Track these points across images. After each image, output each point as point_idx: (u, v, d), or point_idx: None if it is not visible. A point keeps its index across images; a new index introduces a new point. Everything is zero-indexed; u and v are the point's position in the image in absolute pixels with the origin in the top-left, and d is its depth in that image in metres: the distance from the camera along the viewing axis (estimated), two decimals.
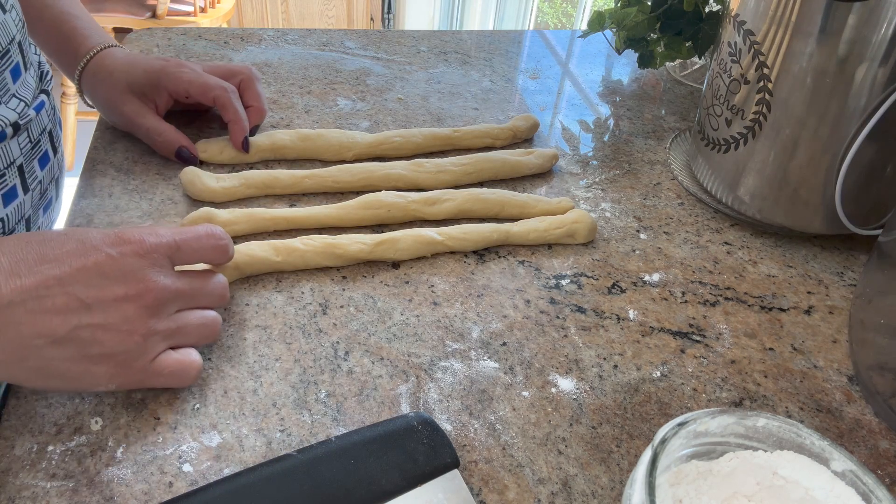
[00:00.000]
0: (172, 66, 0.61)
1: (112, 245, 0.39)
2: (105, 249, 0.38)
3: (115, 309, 0.38)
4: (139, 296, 0.39)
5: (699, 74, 0.89)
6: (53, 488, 0.38)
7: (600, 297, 0.54)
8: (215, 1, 2.29)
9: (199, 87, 0.61)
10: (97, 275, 0.38)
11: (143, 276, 0.39)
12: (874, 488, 0.32)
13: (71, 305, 0.37)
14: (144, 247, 0.40)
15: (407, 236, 0.54)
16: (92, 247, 0.38)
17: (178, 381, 0.42)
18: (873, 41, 0.50)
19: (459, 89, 0.80)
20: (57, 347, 0.37)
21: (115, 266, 0.38)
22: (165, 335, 0.41)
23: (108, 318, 0.38)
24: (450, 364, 0.47)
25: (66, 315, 0.37)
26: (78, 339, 0.37)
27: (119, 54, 0.62)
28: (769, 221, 0.62)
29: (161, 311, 0.40)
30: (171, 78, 0.60)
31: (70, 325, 0.37)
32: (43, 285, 0.36)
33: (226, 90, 0.61)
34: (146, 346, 0.39)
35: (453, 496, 0.38)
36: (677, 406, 0.46)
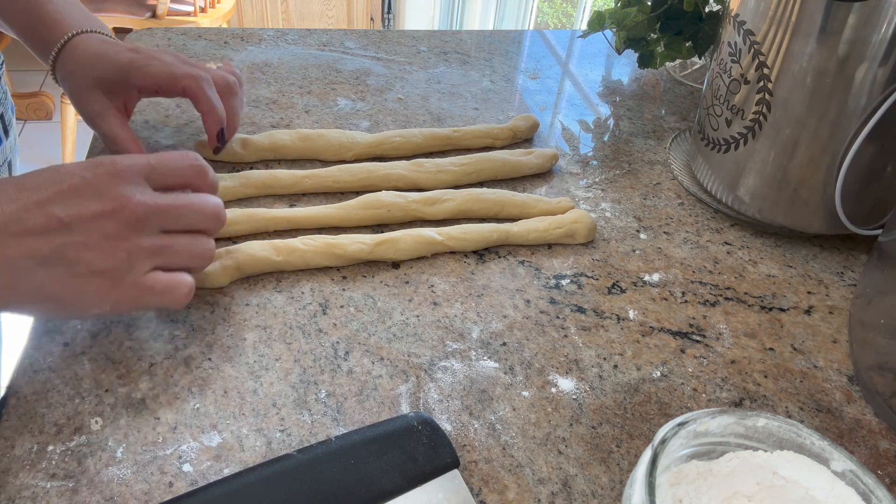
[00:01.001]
0: (142, 59, 0.55)
1: (86, 168, 0.40)
2: (79, 173, 0.39)
3: (94, 226, 0.39)
4: (115, 211, 0.39)
5: (699, 74, 0.89)
6: (53, 488, 0.38)
7: (600, 297, 0.54)
8: (215, 1, 2.29)
9: (166, 78, 0.54)
10: (74, 195, 0.39)
11: (118, 192, 0.40)
12: (874, 488, 0.32)
13: (51, 225, 0.38)
14: (118, 167, 0.40)
15: (407, 236, 0.54)
16: (67, 172, 0.39)
17: (170, 298, 0.42)
18: (873, 41, 0.50)
19: (459, 89, 0.80)
20: (45, 268, 0.37)
21: (91, 185, 0.39)
22: (151, 252, 0.41)
23: (89, 236, 0.38)
24: (450, 364, 0.47)
25: (48, 235, 0.37)
26: (63, 258, 0.38)
27: (92, 43, 0.56)
28: (769, 221, 0.62)
29: (142, 228, 0.40)
30: (139, 73, 0.55)
31: (53, 244, 0.38)
32: (23, 209, 0.37)
33: (197, 78, 0.55)
34: (132, 262, 0.40)
35: (453, 496, 0.38)
36: (677, 406, 0.46)
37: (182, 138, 0.66)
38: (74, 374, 0.44)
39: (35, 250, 0.37)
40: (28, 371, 0.44)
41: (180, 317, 0.48)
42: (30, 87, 2.62)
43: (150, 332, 0.47)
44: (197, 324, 0.48)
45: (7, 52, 1.13)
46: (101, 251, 0.39)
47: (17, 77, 2.68)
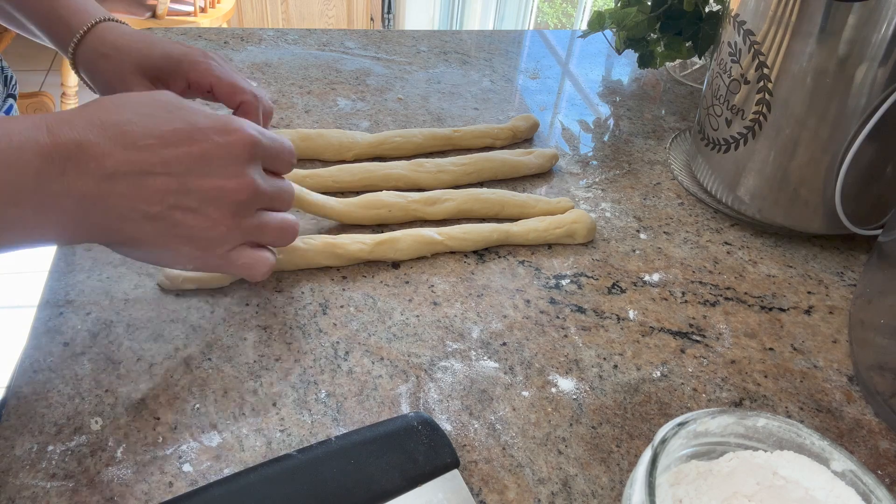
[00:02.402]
0: (198, 54, 0.54)
1: (219, 133, 0.39)
2: (213, 137, 0.39)
3: (209, 197, 0.39)
4: (235, 191, 0.40)
5: (699, 74, 0.89)
6: (53, 488, 0.38)
7: (600, 297, 0.54)
8: (215, 1, 2.29)
9: (227, 85, 0.53)
10: (201, 161, 0.38)
11: (243, 171, 0.40)
12: (874, 488, 0.32)
13: (171, 187, 0.38)
14: (250, 139, 0.40)
15: (407, 236, 0.54)
16: (199, 131, 0.39)
17: (249, 273, 0.43)
18: (873, 41, 0.50)
19: (459, 89, 0.80)
20: (149, 223, 0.38)
21: (220, 156, 0.39)
22: (246, 230, 0.42)
23: (201, 205, 0.39)
24: (450, 364, 0.47)
25: (164, 195, 0.38)
26: (170, 218, 0.38)
27: (126, 30, 0.55)
28: (769, 221, 0.62)
29: (248, 208, 0.41)
30: (197, 68, 0.53)
31: (165, 204, 0.38)
32: (148, 162, 0.37)
33: (256, 98, 0.54)
34: (228, 237, 0.41)
35: (453, 496, 0.38)
36: (677, 406, 0.46)
37: None
38: (74, 374, 0.44)
39: (147, 205, 0.38)
40: (28, 371, 0.44)
41: (180, 317, 0.48)
42: (30, 87, 2.62)
43: (150, 332, 0.47)
44: (197, 324, 0.48)
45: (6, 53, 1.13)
46: (205, 221, 0.39)
47: (17, 77, 2.68)
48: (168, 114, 0.39)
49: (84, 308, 0.48)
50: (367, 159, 0.66)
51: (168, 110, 0.39)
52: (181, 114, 0.39)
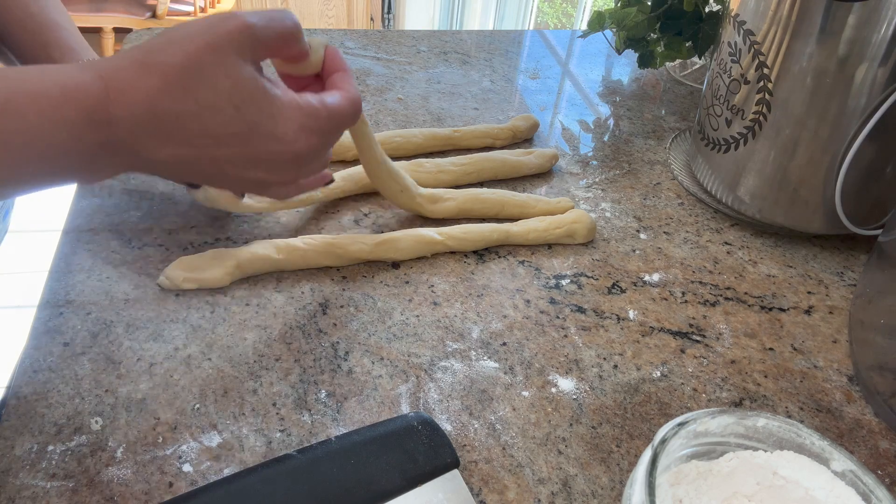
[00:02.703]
0: None
1: (277, 141, 0.38)
2: (268, 146, 0.38)
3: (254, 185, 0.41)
4: (276, 183, 0.41)
5: (699, 74, 0.89)
6: (53, 488, 0.38)
7: (600, 297, 0.54)
8: (215, 1, 2.29)
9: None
10: (249, 161, 0.38)
11: (288, 175, 0.41)
12: (874, 488, 0.32)
13: (215, 171, 0.39)
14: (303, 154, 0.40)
15: (407, 236, 0.54)
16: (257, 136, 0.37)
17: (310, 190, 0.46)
18: (873, 41, 0.50)
19: (459, 89, 0.80)
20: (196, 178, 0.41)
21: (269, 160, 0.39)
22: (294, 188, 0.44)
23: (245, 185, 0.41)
24: (450, 364, 0.47)
25: (209, 176, 0.40)
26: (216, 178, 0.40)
27: None
28: (769, 221, 0.62)
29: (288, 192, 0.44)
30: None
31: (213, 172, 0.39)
32: (197, 157, 0.37)
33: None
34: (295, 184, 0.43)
35: (453, 496, 0.38)
36: (677, 406, 0.46)
37: None
38: (74, 374, 0.44)
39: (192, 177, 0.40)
40: (28, 371, 0.44)
41: (180, 317, 0.48)
42: None
43: (150, 332, 0.47)
44: (197, 324, 0.48)
45: None
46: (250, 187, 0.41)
47: None
48: (235, 111, 0.36)
49: (84, 308, 0.48)
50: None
51: (236, 107, 0.36)
52: (245, 113, 0.36)
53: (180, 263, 0.50)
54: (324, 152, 0.42)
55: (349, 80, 0.43)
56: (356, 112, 0.43)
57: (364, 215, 0.60)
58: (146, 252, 0.53)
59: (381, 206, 0.61)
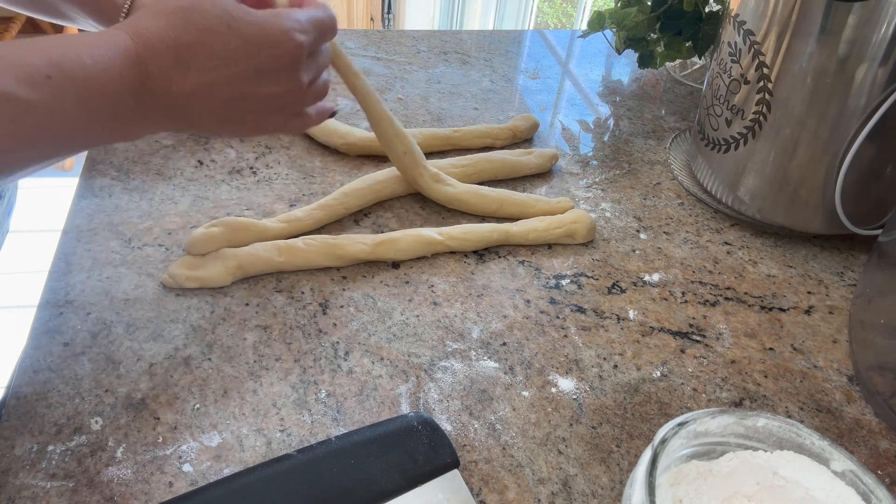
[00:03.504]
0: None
1: (271, 45, 0.44)
2: (264, 51, 0.44)
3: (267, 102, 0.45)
4: (287, 94, 0.46)
5: (699, 74, 0.89)
6: (53, 488, 0.38)
7: (600, 297, 0.54)
8: None
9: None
10: (256, 75, 0.44)
11: (292, 78, 0.45)
12: (874, 488, 0.32)
13: (235, 96, 0.43)
14: (298, 48, 0.45)
15: (407, 236, 0.54)
16: (253, 46, 0.43)
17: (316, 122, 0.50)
18: (873, 41, 0.50)
19: (459, 89, 0.80)
20: (225, 122, 0.45)
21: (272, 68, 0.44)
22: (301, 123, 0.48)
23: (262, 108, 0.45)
24: (450, 364, 0.47)
25: (233, 103, 0.44)
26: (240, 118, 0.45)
27: None
28: (769, 221, 0.62)
29: (299, 104, 0.47)
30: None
31: (235, 109, 0.44)
32: (216, 81, 0.42)
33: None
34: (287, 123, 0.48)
35: (453, 496, 0.38)
36: (677, 406, 0.46)
37: (182, 137, 0.66)
38: (74, 374, 0.44)
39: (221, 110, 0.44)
40: (28, 371, 0.44)
41: (180, 317, 0.48)
42: None
43: (150, 332, 0.47)
44: (197, 324, 0.48)
45: None
46: (267, 118, 0.46)
47: None
48: (227, 29, 0.43)
49: (84, 308, 0.48)
50: (363, 155, 0.66)
51: (227, 24, 0.43)
52: (237, 28, 0.43)
53: (183, 262, 0.50)
54: (315, 57, 0.47)
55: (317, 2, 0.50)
56: (328, 14, 0.48)
57: (364, 215, 0.60)
58: (146, 252, 0.53)
59: (382, 207, 0.61)
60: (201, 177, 0.61)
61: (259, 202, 0.59)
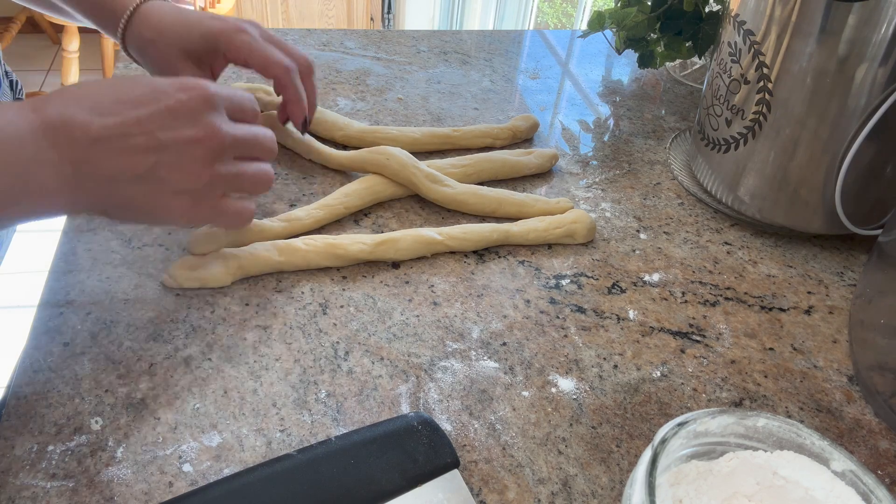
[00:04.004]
0: (233, 29, 0.56)
1: (179, 89, 0.42)
2: (175, 94, 0.42)
3: (186, 150, 0.42)
4: (205, 139, 0.42)
5: (699, 74, 0.89)
6: (53, 488, 0.38)
7: (600, 297, 0.54)
8: (215, 1, 2.29)
9: (258, 61, 0.56)
10: (171, 117, 0.41)
11: (209, 121, 0.42)
12: (874, 488, 0.32)
13: (150, 145, 0.40)
14: (208, 94, 0.43)
15: (407, 236, 0.54)
16: (163, 92, 0.42)
17: (237, 221, 0.47)
18: (873, 41, 0.50)
19: (459, 89, 0.80)
20: (138, 184, 0.41)
21: (186, 110, 0.42)
22: (227, 179, 0.44)
23: (180, 158, 0.41)
24: (450, 364, 0.47)
25: (145, 154, 0.40)
26: (155, 176, 0.41)
27: (166, 10, 0.57)
28: (769, 221, 0.62)
29: (223, 156, 0.43)
30: (232, 44, 0.55)
31: (149, 162, 0.40)
32: (124, 124, 0.40)
33: (287, 71, 0.56)
34: (212, 187, 0.43)
35: (453, 496, 0.38)
36: (677, 406, 0.46)
37: None
38: (74, 374, 0.44)
39: (132, 167, 0.40)
40: (28, 371, 0.44)
41: (180, 317, 0.48)
42: (30, 87, 2.62)
43: (150, 332, 0.47)
44: (197, 324, 0.48)
45: (7, 52, 1.13)
46: (188, 173, 0.42)
47: (18, 77, 2.68)
48: (132, 83, 0.42)
49: (84, 308, 0.48)
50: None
51: (132, 81, 0.42)
52: (143, 80, 0.42)
53: (184, 262, 0.50)
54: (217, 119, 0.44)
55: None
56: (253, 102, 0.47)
57: (364, 215, 0.60)
58: (146, 252, 0.53)
59: (381, 207, 0.61)
60: None
61: (259, 202, 0.59)
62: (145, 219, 0.44)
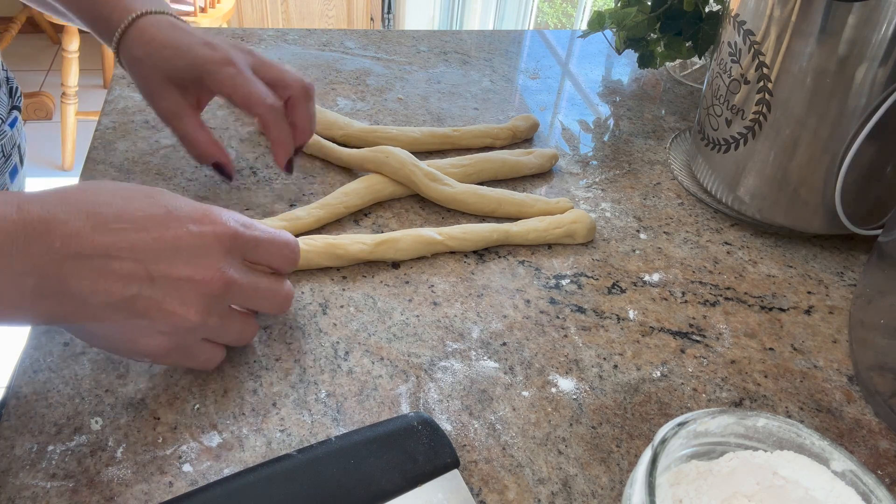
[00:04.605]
0: (218, 62, 0.52)
1: (196, 222, 0.38)
2: (187, 225, 0.37)
3: (176, 288, 0.37)
4: (204, 283, 0.38)
5: (699, 74, 0.89)
6: (53, 488, 0.38)
7: (600, 297, 0.54)
8: (215, 1, 2.29)
9: (242, 95, 0.52)
10: (171, 248, 0.37)
11: (214, 263, 0.38)
12: (874, 488, 0.32)
13: (136, 273, 0.36)
14: (227, 231, 0.39)
15: (407, 236, 0.54)
16: (175, 218, 0.37)
17: (202, 367, 0.43)
18: (873, 41, 0.50)
19: (459, 89, 0.80)
20: (110, 310, 0.36)
21: (192, 244, 0.37)
22: (210, 329, 0.40)
23: (166, 296, 0.37)
24: (450, 364, 0.47)
25: (128, 281, 0.36)
26: (132, 308, 0.36)
27: (162, 27, 0.53)
28: (769, 221, 0.62)
29: (216, 303, 0.39)
30: (216, 77, 0.52)
31: (129, 293, 0.36)
32: (115, 246, 0.35)
33: (271, 110, 0.52)
34: (192, 334, 0.39)
35: (453, 496, 0.38)
36: (677, 406, 0.46)
37: None
38: (74, 374, 0.44)
39: (110, 293, 0.36)
40: (28, 371, 0.44)
41: None
42: (30, 87, 2.62)
43: None
44: None
45: (7, 52, 1.12)
46: (169, 315, 0.37)
47: (18, 77, 2.68)
48: (148, 199, 0.38)
49: None
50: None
51: (149, 196, 0.38)
52: (162, 200, 0.38)
53: None
54: (247, 272, 0.41)
55: None
56: (285, 235, 0.44)
57: (364, 215, 0.60)
58: None
59: (382, 207, 0.61)
60: (201, 176, 0.61)
61: (259, 202, 0.59)
62: (110, 348, 0.40)
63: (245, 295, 0.41)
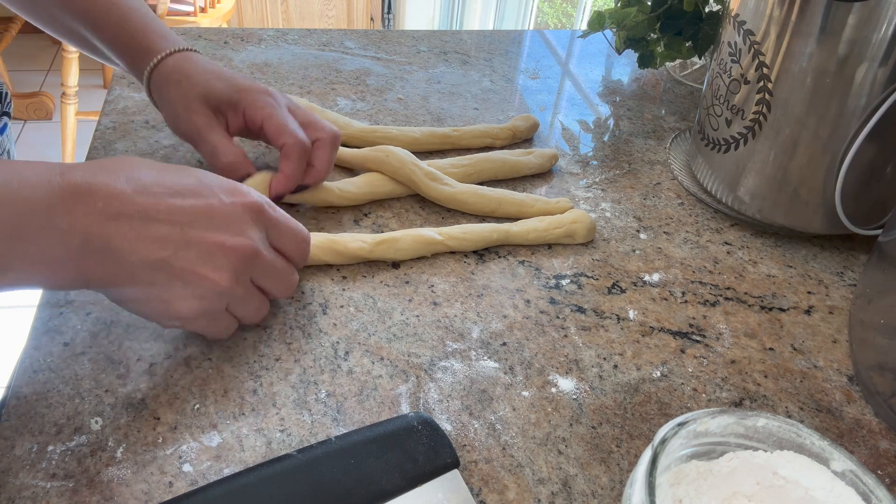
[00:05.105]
0: (257, 89, 0.55)
1: (227, 193, 0.41)
2: (220, 195, 0.41)
3: (210, 253, 0.40)
4: (234, 249, 0.40)
5: (699, 74, 0.89)
6: (53, 488, 0.38)
7: (600, 297, 0.54)
8: (215, 1, 2.29)
9: (274, 125, 0.54)
10: (205, 215, 0.40)
11: (244, 230, 0.41)
12: (874, 488, 0.32)
13: (173, 236, 0.38)
14: (255, 205, 0.42)
15: (407, 236, 0.54)
16: (208, 187, 0.41)
17: (221, 335, 0.45)
18: (873, 41, 0.50)
19: (459, 89, 0.80)
20: (147, 270, 0.38)
21: (225, 214, 0.40)
22: (234, 297, 0.42)
23: (200, 259, 0.39)
24: (450, 364, 0.47)
25: (165, 243, 0.38)
26: (169, 269, 0.39)
27: (200, 60, 0.57)
28: (769, 221, 0.62)
29: (244, 271, 0.42)
30: (255, 103, 0.54)
31: (165, 254, 0.38)
32: (154, 208, 0.38)
33: (298, 144, 0.54)
34: (219, 300, 0.41)
35: (453, 496, 0.38)
36: (677, 406, 0.46)
37: None
38: (74, 374, 0.44)
39: (148, 251, 0.38)
40: (28, 371, 0.44)
41: None
42: (30, 87, 2.62)
43: (150, 332, 0.47)
44: None
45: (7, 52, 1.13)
46: (203, 280, 0.40)
47: (18, 77, 2.68)
48: (181, 171, 0.41)
49: (84, 308, 0.48)
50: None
51: (182, 169, 0.41)
52: (195, 173, 0.41)
53: None
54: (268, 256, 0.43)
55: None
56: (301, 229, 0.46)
57: (364, 215, 0.60)
58: None
59: (382, 207, 0.61)
60: None
61: None
62: (144, 311, 0.41)
63: (265, 269, 0.43)
